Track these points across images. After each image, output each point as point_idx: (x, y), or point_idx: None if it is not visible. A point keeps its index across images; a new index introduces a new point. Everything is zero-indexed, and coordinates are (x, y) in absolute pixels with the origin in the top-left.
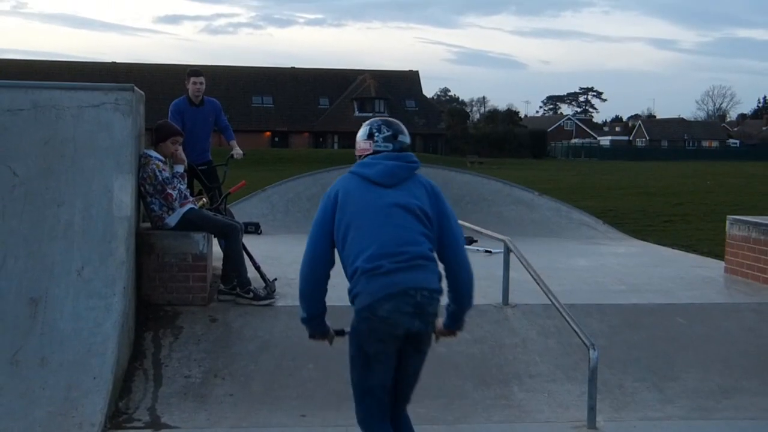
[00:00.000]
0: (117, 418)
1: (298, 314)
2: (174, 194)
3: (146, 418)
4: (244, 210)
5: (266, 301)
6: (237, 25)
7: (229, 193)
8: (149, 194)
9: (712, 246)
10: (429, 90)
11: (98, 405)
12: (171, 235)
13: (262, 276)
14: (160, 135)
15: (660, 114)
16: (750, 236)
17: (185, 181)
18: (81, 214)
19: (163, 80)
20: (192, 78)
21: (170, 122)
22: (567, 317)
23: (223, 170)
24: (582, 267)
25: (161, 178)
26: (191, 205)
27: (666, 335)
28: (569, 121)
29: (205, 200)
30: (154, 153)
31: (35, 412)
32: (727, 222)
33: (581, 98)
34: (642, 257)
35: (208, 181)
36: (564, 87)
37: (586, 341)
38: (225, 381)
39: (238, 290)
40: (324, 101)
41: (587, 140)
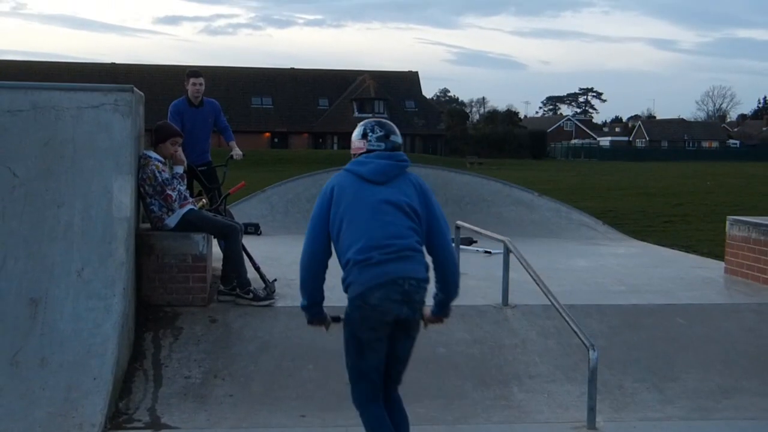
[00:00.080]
0: (117, 419)
1: (300, 303)
2: (174, 195)
3: (146, 419)
4: (244, 211)
5: (266, 302)
6: (236, 26)
7: (229, 194)
8: (149, 195)
9: (712, 246)
10: (428, 91)
11: (98, 406)
12: (171, 236)
13: (262, 277)
14: (160, 136)
15: (660, 114)
16: (750, 237)
17: (185, 182)
18: (81, 215)
19: (163, 81)
20: (191, 79)
21: (170, 123)
22: (567, 318)
23: (223, 171)
24: (582, 267)
25: (161, 179)
26: (191, 206)
27: (666, 336)
28: (569, 122)
29: (205, 201)
30: (154, 154)
31: (35, 413)
32: (727, 222)
33: (581, 99)
34: (642, 258)
35: (208, 182)
36: (564, 87)
37: (586, 342)
38: (225, 381)
39: (238, 291)
40: (323, 102)
41: (587, 141)
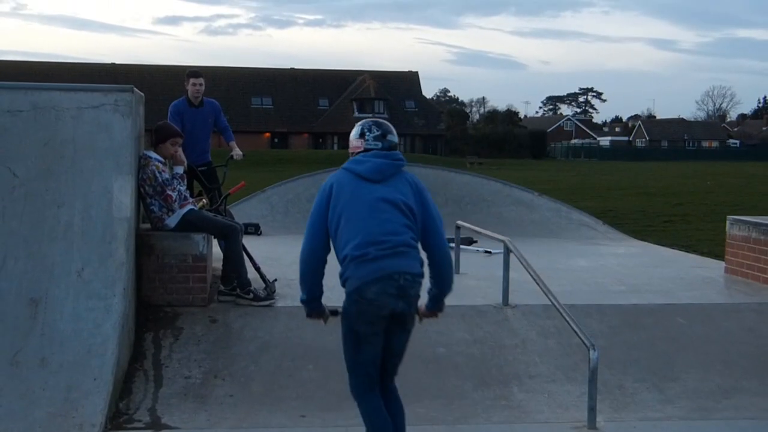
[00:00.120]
0: (117, 419)
1: (300, 297)
2: (174, 195)
3: (146, 419)
4: (244, 211)
5: (266, 302)
6: (236, 26)
7: (229, 194)
8: (149, 195)
9: (712, 246)
10: (428, 91)
11: (98, 406)
12: (171, 236)
13: (262, 277)
14: (160, 136)
15: (660, 114)
16: (750, 236)
17: (185, 183)
18: (81, 215)
19: (163, 81)
20: (191, 79)
21: (170, 123)
22: (567, 318)
23: (223, 171)
24: (582, 267)
25: (161, 180)
26: (191, 206)
27: (666, 336)
28: (569, 122)
29: (205, 201)
30: (154, 154)
31: (35, 413)
32: (727, 222)
33: (581, 99)
34: (642, 257)
35: (208, 182)
36: (564, 87)
37: (586, 342)
38: (225, 382)
39: (238, 291)
40: (323, 102)
41: (587, 141)
